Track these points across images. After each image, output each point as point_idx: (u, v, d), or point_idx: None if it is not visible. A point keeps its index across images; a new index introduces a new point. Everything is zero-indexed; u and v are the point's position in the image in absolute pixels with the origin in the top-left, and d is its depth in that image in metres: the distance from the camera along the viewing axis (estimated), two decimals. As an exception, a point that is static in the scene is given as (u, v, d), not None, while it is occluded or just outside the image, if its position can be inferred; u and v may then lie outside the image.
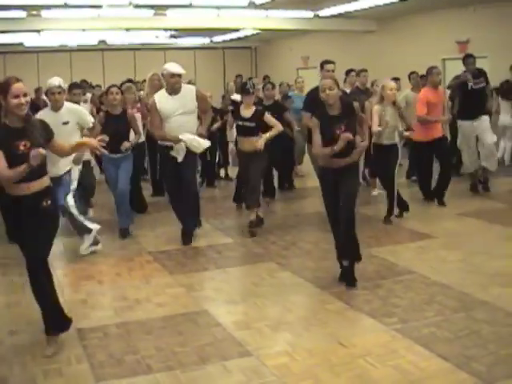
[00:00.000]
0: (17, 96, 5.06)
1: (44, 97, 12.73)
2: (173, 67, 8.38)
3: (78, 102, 9.09)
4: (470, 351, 5.13)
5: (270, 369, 4.98)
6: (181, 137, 8.28)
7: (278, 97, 12.75)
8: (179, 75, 8.38)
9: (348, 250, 6.86)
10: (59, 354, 5.36)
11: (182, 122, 8.37)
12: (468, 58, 11.10)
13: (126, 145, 8.86)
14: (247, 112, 9.09)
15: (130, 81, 12.06)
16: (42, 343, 5.47)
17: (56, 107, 7.93)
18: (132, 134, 9.25)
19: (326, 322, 5.92)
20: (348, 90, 11.52)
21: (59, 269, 7.75)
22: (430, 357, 5.07)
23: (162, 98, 8.51)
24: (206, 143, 8.53)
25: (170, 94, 8.45)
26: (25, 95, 5.13)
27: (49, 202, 5.33)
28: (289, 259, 7.91)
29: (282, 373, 4.91)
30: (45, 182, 5.37)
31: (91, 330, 5.89)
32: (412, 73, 13.05)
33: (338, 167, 6.72)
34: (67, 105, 8.10)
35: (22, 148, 5.10)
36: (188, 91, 8.56)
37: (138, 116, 10.39)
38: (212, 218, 10.33)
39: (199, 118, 8.93)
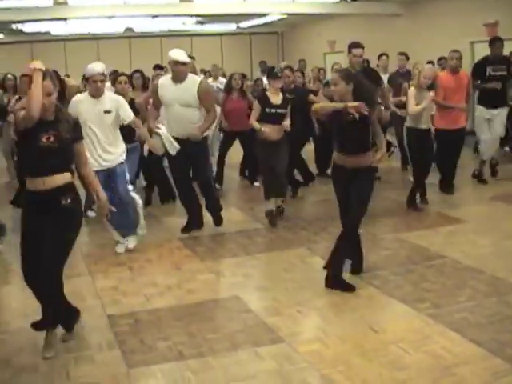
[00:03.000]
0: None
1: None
2: (177, 55, 8.03)
3: None
4: (504, 336, 5.09)
5: (302, 355, 4.97)
6: (158, 131, 8.06)
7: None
8: (183, 63, 8.04)
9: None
10: (91, 341, 5.39)
11: (181, 113, 8.12)
12: (495, 42, 10.74)
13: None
14: (277, 98, 8.93)
15: (158, 67, 12.00)
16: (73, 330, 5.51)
17: (97, 94, 7.51)
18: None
19: (357, 308, 5.90)
20: (385, 75, 11.46)
21: (90, 256, 7.81)
22: (462, 342, 5.03)
23: (165, 84, 8.22)
24: (175, 148, 8.15)
25: (174, 81, 8.15)
26: (48, 94, 4.94)
27: (68, 200, 5.12)
28: (319, 244, 7.88)
29: (314, 359, 4.90)
30: (64, 178, 5.13)
31: (122, 316, 5.91)
32: (440, 58, 12.90)
33: (352, 168, 6.40)
34: (108, 93, 7.73)
35: (44, 140, 4.95)
36: (191, 84, 8.19)
37: None
38: (242, 203, 10.32)
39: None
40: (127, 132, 8.13)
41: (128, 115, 7.65)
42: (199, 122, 8.25)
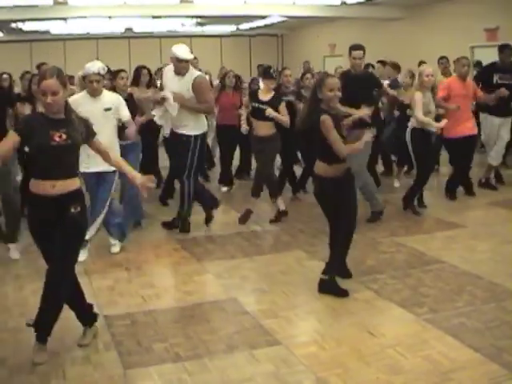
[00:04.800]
0: (43, 94, 4.83)
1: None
2: (180, 52, 8.14)
3: None
4: (501, 342, 5.08)
5: (299, 358, 4.96)
6: (164, 94, 8.14)
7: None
8: (186, 61, 8.18)
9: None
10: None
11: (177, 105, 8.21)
12: (505, 49, 10.64)
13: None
14: (266, 96, 9.01)
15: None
16: (69, 330, 5.46)
17: (95, 94, 7.53)
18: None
19: (354, 311, 5.89)
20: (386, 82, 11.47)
21: (87, 256, 7.78)
22: (460, 347, 5.02)
23: (169, 75, 8.36)
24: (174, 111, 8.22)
25: (177, 74, 8.25)
26: (53, 94, 4.82)
27: (78, 208, 5.03)
28: (317, 247, 7.85)
29: (311, 362, 4.89)
30: (73, 183, 5.06)
31: (119, 317, 5.89)
32: (442, 58, 12.87)
33: (341, 175, 6.41)
34: (106, 91, 7.78)
35: (57, 139, 4.84)
36: (189, 77, 8.26)
37: None
38: (239, 205, 10.30)
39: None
40: (124, 128, 8.06)
41: (126, 114, 7.76)
42: (193, 118, 8.38)
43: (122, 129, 7.95)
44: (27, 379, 4.76)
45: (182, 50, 8.17)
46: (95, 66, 7.50)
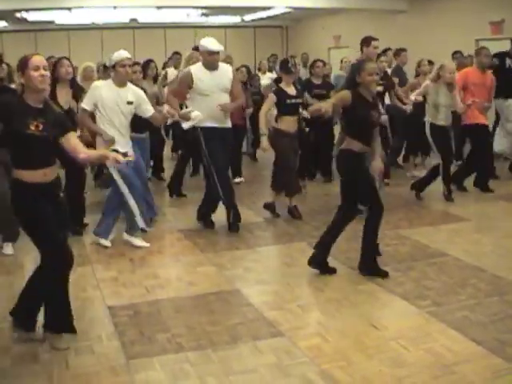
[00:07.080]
0: (37, 68, 4.79)
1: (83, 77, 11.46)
2: (211, 44, 8.00)
3: None
4: (504, 336, 5.08)
5: (302, 350, 4.96)
6: (193, 116, 7.90)
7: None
8: (217, 53, 8.07)
9: None
10: (90, 332, 5.38)
11: (221, 99, 8.08)
12: None
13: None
14: (291, 90, 9.00)
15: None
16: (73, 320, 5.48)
17: (122, 83, 7.48)
18: None
19: (357, 304, 5.89)
20: (389, 70, 11.46)
21: (90, 246, 7.79)
22: (463, 341, 5.02)
23: (199, 72, 8.12)
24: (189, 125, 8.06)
25: (209, 69, 8.10)
26: (45, 68, 4.85)
27: (61, 194, 5.19)
28: (320, 239, 7.84)
29: (314, 354, 4.89)
30: (56, 170, 5.13)
31: (122, 307, 5.90)
32: (456, 52, 12.82)
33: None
34: (131, 85, 7.68)
35: (32, 128, 4.80)
36: (225, 70, 8.28)
37: None
38: (244, 197, 10.30)
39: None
40: (141, 121, 8.09)
41: (144, 111, 7.66)
42: None
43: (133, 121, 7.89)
44: (30, 369, 4.77)
45: (212, 42, 8.06)
46: (125, 52, 7.52)
